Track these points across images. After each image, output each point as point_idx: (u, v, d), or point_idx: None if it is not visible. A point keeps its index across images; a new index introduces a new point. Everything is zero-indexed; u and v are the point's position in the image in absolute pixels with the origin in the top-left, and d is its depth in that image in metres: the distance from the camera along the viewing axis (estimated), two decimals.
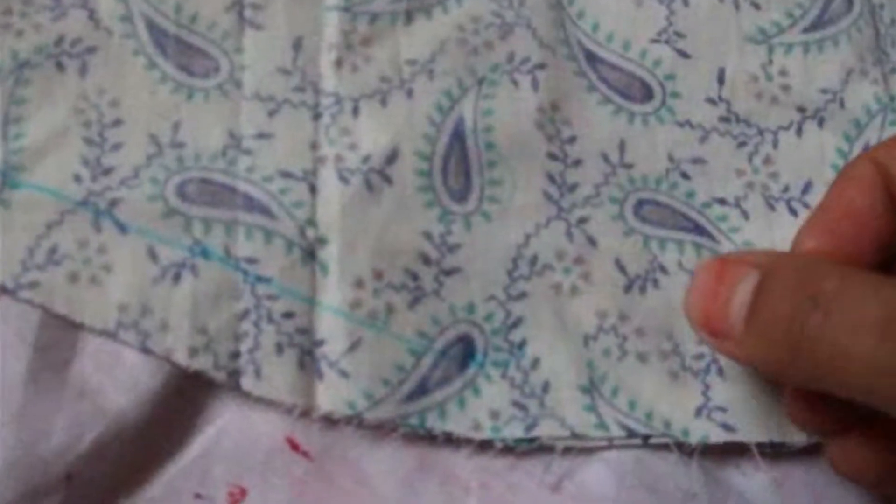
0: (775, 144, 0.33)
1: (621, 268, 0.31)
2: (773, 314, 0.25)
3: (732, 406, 0.30)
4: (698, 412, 0.30)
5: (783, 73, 0.34)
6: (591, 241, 0.31)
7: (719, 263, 0.27)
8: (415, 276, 0.30)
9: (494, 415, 0.29)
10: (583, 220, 0.31)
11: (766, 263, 0.26)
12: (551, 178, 0.32)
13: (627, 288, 0.31)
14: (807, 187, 0.33)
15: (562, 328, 0.30)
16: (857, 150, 0.33)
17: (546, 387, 0.30)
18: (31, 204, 0.29)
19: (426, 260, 0.30)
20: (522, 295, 0.31)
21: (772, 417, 0.30)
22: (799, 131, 0.33)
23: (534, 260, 0.31)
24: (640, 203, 0.32)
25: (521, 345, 0.30)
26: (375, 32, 0.32)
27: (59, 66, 0.31)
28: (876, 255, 0.27)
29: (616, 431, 0.30)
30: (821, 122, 0.34)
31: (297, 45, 0.32)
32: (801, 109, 0.34)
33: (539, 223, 0.31)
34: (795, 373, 0.26)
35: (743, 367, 0.31)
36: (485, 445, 0.30)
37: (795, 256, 0.28)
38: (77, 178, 0.29)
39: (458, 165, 0.31)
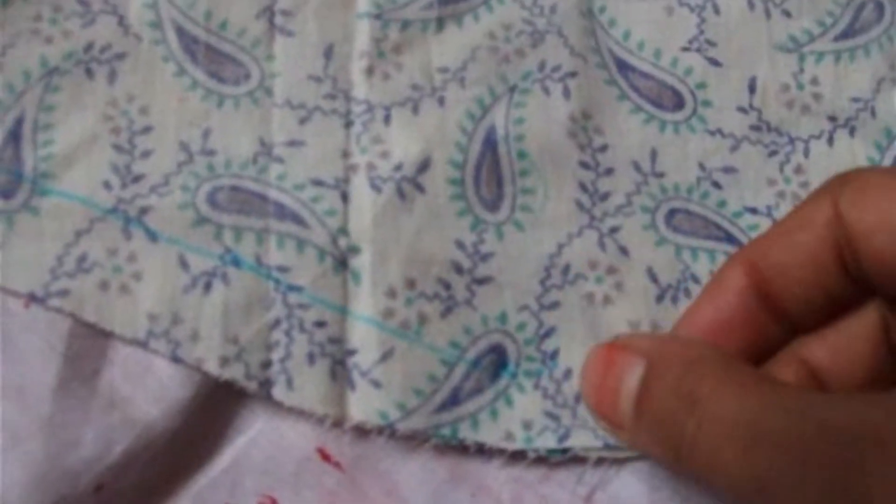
0: (806, 153, 0.33)
1: (653, 277, 0.31)
2: (656, 412, 0.25)
3: None
4: None
5: (814, 81, 0.34)
6: (624, 251, 0.31)
7: (607, 351, 0.26)
8: (447, 286, 0.30)
9: (527, 425, 0.29)
10: (615, 230, 0.31)
11: (651, 353, 0.26)
12: (583, 187, 0.31)
13: (659, 297, 0.31)
14: None
15: (594, 338, 0.30)
16: (888, 159, 0.33)
17: (579, 397, 0.29)
18: (61, 211, 0.29)
19: (458, 269, 0.30)
20: (555, 304, 0.30)
21: None
22: (830, 140, 0.33)
23: (566, 269, 0.31)
24: (672, 212, 0.32)
25: (554, 355, 0.30)
26: (406, 40, 0.32)
27: (89, 73, 0.30)
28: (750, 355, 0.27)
29: None
30: (852, 131, 0.33)
31: (328, 53, 0.32)
32: (832, 118, 0.33)
33: (571, 232, 0.31)
34: (682, 472, 0.26)
35: None
36: (517, 456, 0.29)
37: (681, 346, 0.27)
38: (107, 186, 0.29)
39: (489, 174, 0.31)
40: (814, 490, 0.22)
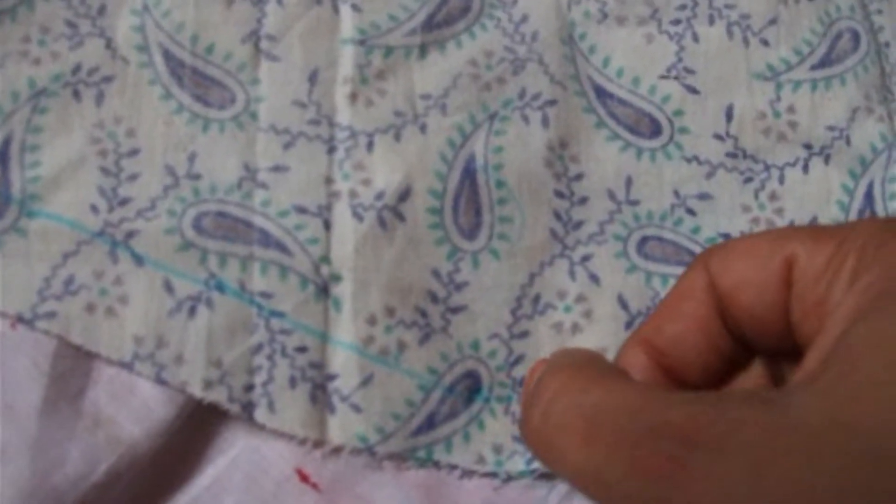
0: (781, 180, 0.34)
1: (623, 304, 0.32)
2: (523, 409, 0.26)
3: None
4: None
5: (791, 109, 0.34)
6: (594, 279, 0.32)
7: (536, 363, 0.27)
8: (424, 314, 0.31)
9: (497, 449, 0.30)
10: (586, 258, 0.32)
11: (550, 360, 0.27)
12: (557, 216, 0.32)
13: (629, 324, 0.32)
14: (812, 223, 0.33)
15: None
16: (861, 186, 0.34)
17: None
18: (48, 233, 0.30)
19: (434, 298, 0.31)
20: (525, 333, 0.31)
21: None
22: (805, 168, 0.34)
23: (536, 299, 0.31)
24: (644, 240, 0.32)
25: (523, 381, 0.31)
26: (390, 66, 0.33)
27: (76, 95, 0.31)
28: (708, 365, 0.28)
29: None
30: (827, 159, 0.34)
31: (313, 78, 0.32)
32: (807, 146, 0.34)
33: (544, 261, 0.32)
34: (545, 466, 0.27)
35: None
36: (490, 479, 0.30)
37: (568, 351, 0.28)
38: (94, 209, 0.30)
39: (468, 203, 0.32)
40: (642, 486, 0.23)
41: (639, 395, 0.24)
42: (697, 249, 0.33)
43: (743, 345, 0.28)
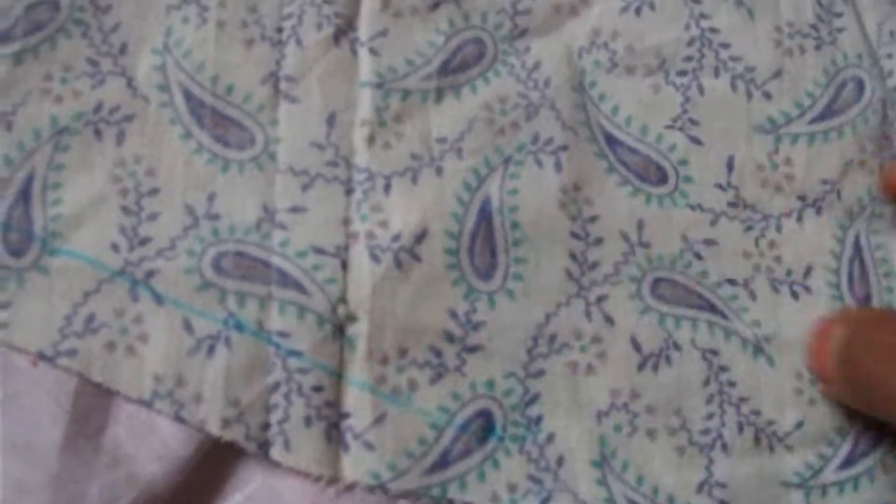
0: (779, 229, 0.35)
1: (636, 346, 0.33)
2: (852, 366, 0.31)
3: (732, 483, 0.32)
4: (700, 488, 0.32)
5: (788, 162, 0.35)
6: (609, 320, 0.33)
7: (820, 323, 0.33)
8: (438, 353, 0.31)
9: (512, 488, 0.31)
10: (601, 299, 0.33)
11: (853, 321, 0.32)
12: (573, 257, 0.33)
13: (641, 366, 0.32)
14: (808, 272, 0.34)
15: (576, 405, 0.32)
16: (850, 237, 0.35)
17: (560, 461, 0.31)
18: (70, 271, 0.30)
19: (450, 338, 0.31)
20: (540, 373, 0.32)
21: (768, 495, 0.32)
22: (799, 218, 0.35)
23: (552, 339, 0.32)
24: (657, 281, 0.33)
25: (538, 420, 0.31)
26: (406, 109, 0.33)
27: (97, 133, 0.31)
28: None
29: None
30: (819, 211, 0.35)
31: (331, 120, 0.33)
32: (801, 198, 0.35)
33: (560, 302, 0.32)
34: (876, 412, 0.32)
35: (744, 443, 0.32)
36: None
37: (872, 312, 0.34)
38: (114, 248, 0.30)
39: (483, 244, 0.32)
40: None
41: None
42: (707, 294, 0.33)
43: None
